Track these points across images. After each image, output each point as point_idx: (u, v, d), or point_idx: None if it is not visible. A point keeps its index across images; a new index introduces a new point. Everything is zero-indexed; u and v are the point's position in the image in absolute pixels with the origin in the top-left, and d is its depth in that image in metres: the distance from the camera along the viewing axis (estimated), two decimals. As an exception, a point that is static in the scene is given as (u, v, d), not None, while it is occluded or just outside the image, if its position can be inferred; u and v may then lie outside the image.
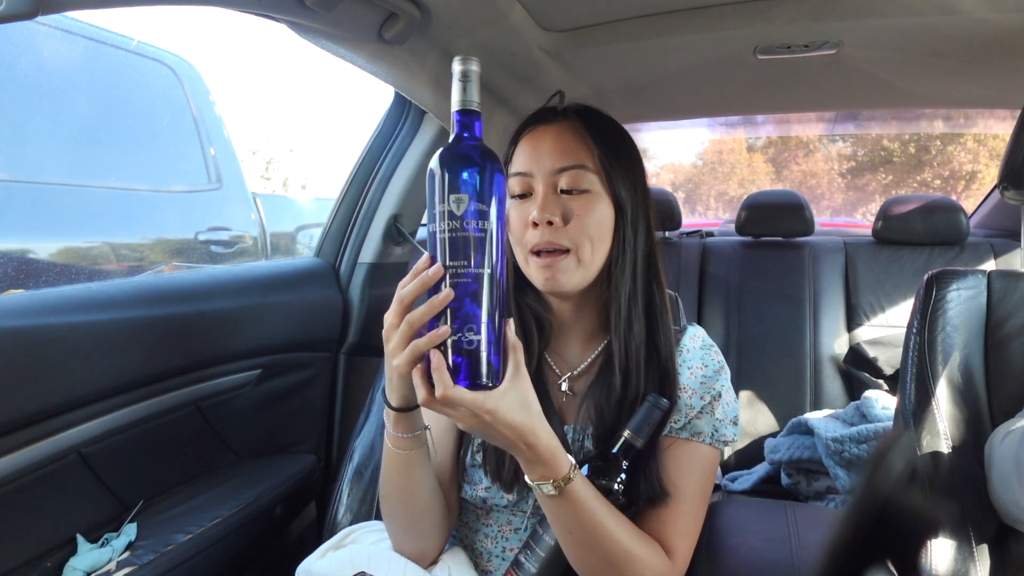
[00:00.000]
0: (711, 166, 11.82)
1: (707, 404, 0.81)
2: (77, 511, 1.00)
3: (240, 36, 9.03)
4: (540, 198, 0.78)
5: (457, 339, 0.58)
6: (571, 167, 0.78)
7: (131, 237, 2.19)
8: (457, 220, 0.58)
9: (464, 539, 0.88)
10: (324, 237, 1.54)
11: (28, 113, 1.89)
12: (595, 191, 0.79)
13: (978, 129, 3.12)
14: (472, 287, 0.59)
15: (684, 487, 0.78)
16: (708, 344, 0.87)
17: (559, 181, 0.79)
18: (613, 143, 0.82)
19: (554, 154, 0.79)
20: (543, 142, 0.80)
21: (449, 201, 0.58)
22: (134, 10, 0.77)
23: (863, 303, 2.06)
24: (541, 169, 0.79)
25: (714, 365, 0.84)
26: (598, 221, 0.79)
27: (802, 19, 1.07)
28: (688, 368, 0.83)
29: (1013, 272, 0.99)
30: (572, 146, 0.80)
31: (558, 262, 0.77)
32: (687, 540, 0.77)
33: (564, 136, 0.80)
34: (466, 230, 0.58)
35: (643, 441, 0.75)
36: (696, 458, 0.80)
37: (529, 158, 0.80)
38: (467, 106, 0.61)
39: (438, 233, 0.59)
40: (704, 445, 0.80)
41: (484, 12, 1.01)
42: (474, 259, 0.59)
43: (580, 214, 0.78)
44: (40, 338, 0.88)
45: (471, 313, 0.59)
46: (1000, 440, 0.86)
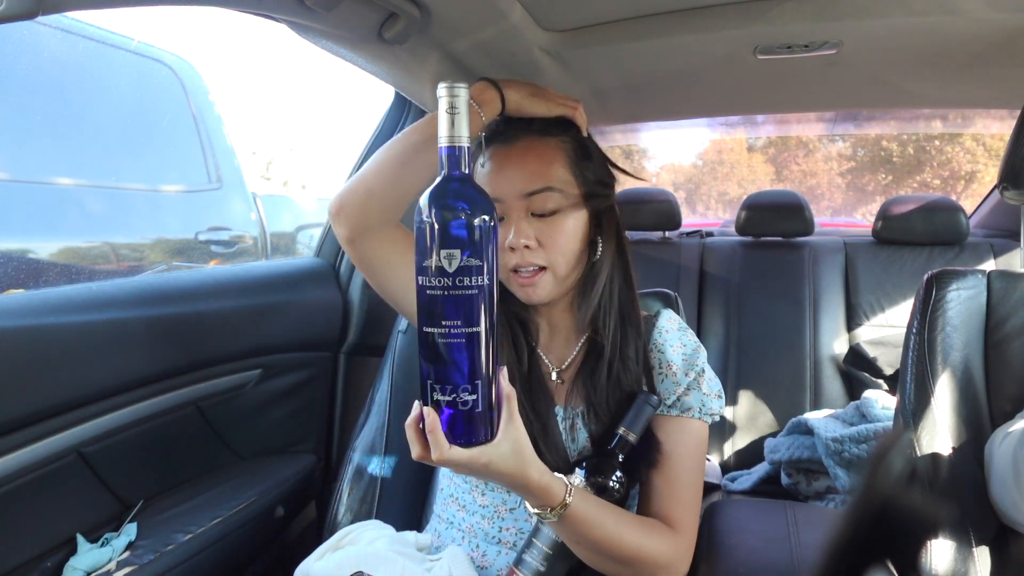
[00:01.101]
0: (711, 166, 11.82)
1: (693, 380, 0.84)
2: (77, 511, 1.00)
3: (240, 36, 9.02)
4: (513, 224, 0.80)
5: (452, 399, 0.57)
6: (539, 191, 0.80)
7: (131, 237, 2.19)
8: (449, 278, 0.54)
9: (460, 522, 0.88)
10: (324, 237, 1.54)
11: (28, 113, 1.89)
12: (564, 208, 0.81)
13: (977, 129, 3.12)
14: (465, 346, 0.56)
15: (680, 461, 0.82)
16: (683, 327, 0.90)
17: (530, 205, 0.81)
18: (576, 151, 0.83)
19: (521, 178, 0.80)
20: (508, 164, 0.82)
21: (440, 256, 0.54)
22: (134, 10, 0.77)
23: (863, 303, 2.06)
24: (510, 194, 0.81)
25: (692, 344, 0.87)
26: (571, 237, 0.82)
27: (802, 19, 1.07)
28: (670, 347, 0.86)
29: (1013, 272, 0.99)
30: (537, 167, 0.81)
31: (535, 279, 0.81)
32: (690, 512, 0.80)
33: (528, 157, 0.81)
34: (459, 287, 0.54)
35: (637, 436, 0.79)
36: (688, 433, 0.83)
37: (495, 183, 0.82)
38: (456, 142, 0.56)
39: (427, 289, 0.55)
40: (694, 420, 0.83)
41: (484, 12, 1.01)
42: (468, 318, 0.55)
43: (553, 235, 0.81)
44: (40, 338, 0.88)
45: (464, 372, 0.56)
46: (999, 441, 0.86)
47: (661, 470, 0.81)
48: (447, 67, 1.20)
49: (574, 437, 0.85)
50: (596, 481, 0.77)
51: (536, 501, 0.68)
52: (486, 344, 0.57)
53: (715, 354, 2.08)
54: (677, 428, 0.83)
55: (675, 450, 0.82)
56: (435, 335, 0.56)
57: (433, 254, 0.55)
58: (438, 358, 0.56)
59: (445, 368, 0.56)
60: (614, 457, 0.79)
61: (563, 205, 0.81)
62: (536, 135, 0.83)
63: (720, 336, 2.10)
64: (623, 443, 0.79)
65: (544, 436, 0.83)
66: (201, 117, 2.45)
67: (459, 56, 1.17)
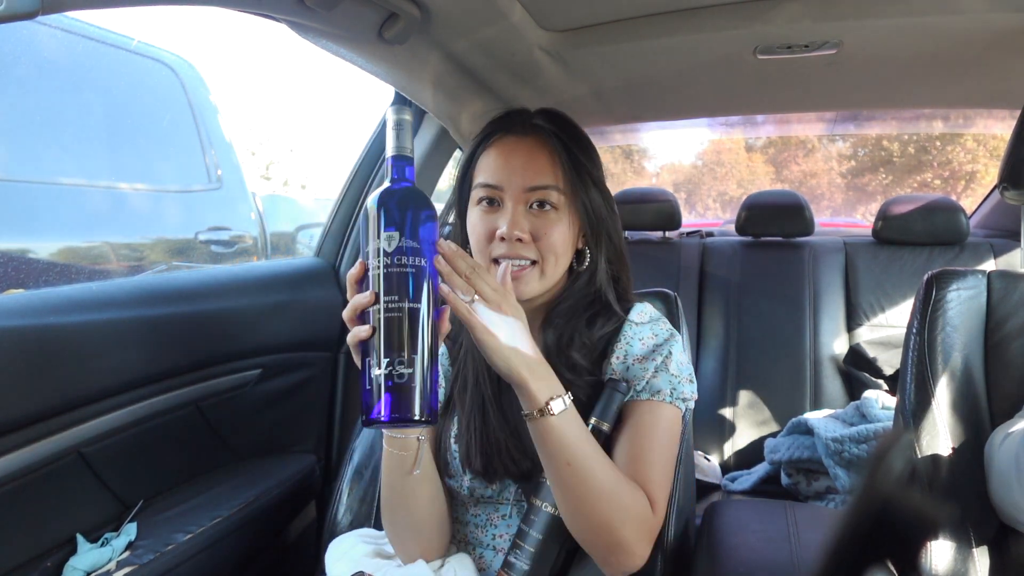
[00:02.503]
0: (711, 166, 11.82)
1: (660, 363, 0.83)
2: (77, 511, 1.00)
3: (240, 37, 9.01)
4: (510, 214, 0.80)
5: (388, 372, 0.59)
6: (543, 187, 0.81)
7: (131, 237, 2.19)
8: (388, 256, 0.61)
9: (455, 532, 0.88)
10: (324, 237, 1.54)
11: (28, 113, 1.89)
12: (562, 208, 0.82)
13: (978, 129, 3.12)
14: (403, 321, 0.60)
15: (651, 443, 0.80)
16: (656, 317, 0.89)
17: (530, 198, 0.81)
18: (581, 160, 0.84)
19: (526, 171, 0.81)
20: (515, 156, 0.82)
21: (382, 238, 0.61)
22: (134, 10, 0.77)
23: (863, 303, 2.06)
24: (512, 185, 0.81)
25: (664, 334, 0.86)
26: (563, 238, 0.82)
27: (802, 19, 1.07)
28: (639, 340, 0.85)
29: (1013, 272, 0.99)
30: (544, 165, 0.82)
31: (522, 273, 0.81)
32: (663, 491, 0.79)
33: (536, 153, 0.82)
34: (397, 266, 0.61)
35: (609, 425, 0.79)
36: (658, 417, 0.82)
37: (499, 171, 0.82)
38: (402, 152, 0.66)
39: (371, 269, 0.62)
40: (665, 404, 0.82)
41: (484, 12, 1.01)
42: (405, 294, 0.61)
43: (547, 231, 0.81)
44: (40, 338, 0.88)
45: (402, 345, 0.60)
46: (1000, 442, 0.86)
47: (631, 451, 0.80)
48: (447, 67, 1.20)
49: None
50: None
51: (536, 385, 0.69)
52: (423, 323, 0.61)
53: (715, 354, 2.08)
54: (647, 410, 0.81)
55: (644, 432, 0.80)
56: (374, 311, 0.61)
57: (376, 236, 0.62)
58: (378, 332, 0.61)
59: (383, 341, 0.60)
60: None
61: (561, 205, 0.82)
62: (550, 137, 0.83)
63: (720, 336, 2.10)
64: (597, 433, 0.78)
65: (516, 437, 0.82)
66: (201, 117, 2.45)
67: (459, 56, 1.17)
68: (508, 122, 0.86)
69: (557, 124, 0.85)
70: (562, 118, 0.87)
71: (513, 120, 0.86)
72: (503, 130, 0.85)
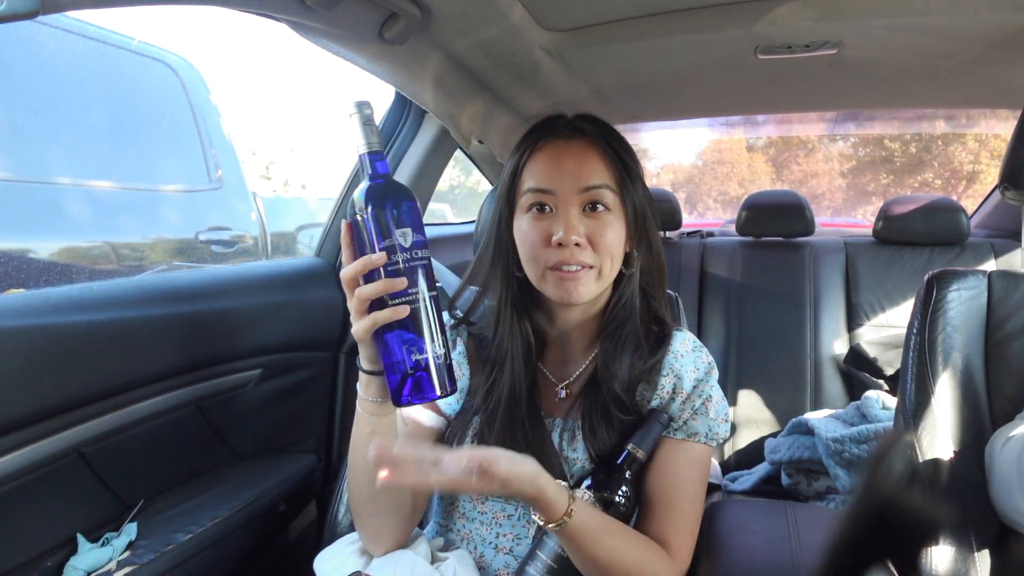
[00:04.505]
0: (711, 166, 11.82)
1: (701, 405, 0.84)
2: (77, 510, 1.00)
3: (241, 37, 9.00)
4: (566, 218, 0.80)
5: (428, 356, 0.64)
6: (595, 187, 0.81)
7: (131, 237, 2.19)
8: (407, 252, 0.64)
9: (460, 528, 0.88)
10: (324, 237, 1.54)
11: (29, 113, 1.89)
12: (614, 209, 0.82)
13: (979, 129, 3.12)
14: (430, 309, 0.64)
15: (682, 487, 0.81)
16: (698, 346, 0.89)
17: (584, 200, 0.81)
18: (627, 161, 0.84)
19: (579, 174, 0.81)
20: (566, 160, 0.82)
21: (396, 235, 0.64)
22: (135, 10, 0.77)
23: (863, 303, 2.06)
24: (565, 188, 0.80)
25: (704, 367, 0.86)
26: (617, 239, 0.82)
27: (803, 19, 1.07)
28: (686, 372, 0.85)
29: (1013, 272, 0.99)
30: (595, 166, 0.82)
31: (579, 276, 0.80)
32: (687, 538, 0.81)
33: (587, 155, 0.82)
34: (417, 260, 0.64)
35: (646, 454, 0.79)
36: (692, 458, 0.83)
37: (551, 175, 0.81)
38: (374, 147, 0.66)
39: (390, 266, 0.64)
40: (699, 444, 0.83)
41: (485, 12, 1.01)
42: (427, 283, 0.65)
43: (603, 233, 0.80)
44: (40, 338, 0.88)
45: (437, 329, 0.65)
46: (1001, 444, 0.86)
47: (662, 493, 0.81)
48: (448, 67, 1.20)
49: (573, 451, 0.84)
50: (603, 496, 0.77)
51: (540, 508, 0.69)
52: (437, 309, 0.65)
53: (715, 354, 2.07)
54: (682, 452, 0.82)
55: (678, 474, 0.81)
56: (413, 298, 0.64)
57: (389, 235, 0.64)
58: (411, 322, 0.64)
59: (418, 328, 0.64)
60: (622, 473, 0.79)
61: (614, 205, 0.82)
62: (596, 139, 0.83)
63: (720, 336, 2.10)
64: (631, 459, 0.79)
65: (540, 445, 0.82)
66: (201, 117, 2.45)
67: (460, 56, 1.17)
68: (551, 127, 0.85)
69: (599, 125, 0.86)
70: (600, 120, 0.87)
71: (556, 124, 0.85)
72: (549, 135, 0.84)
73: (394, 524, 0.81)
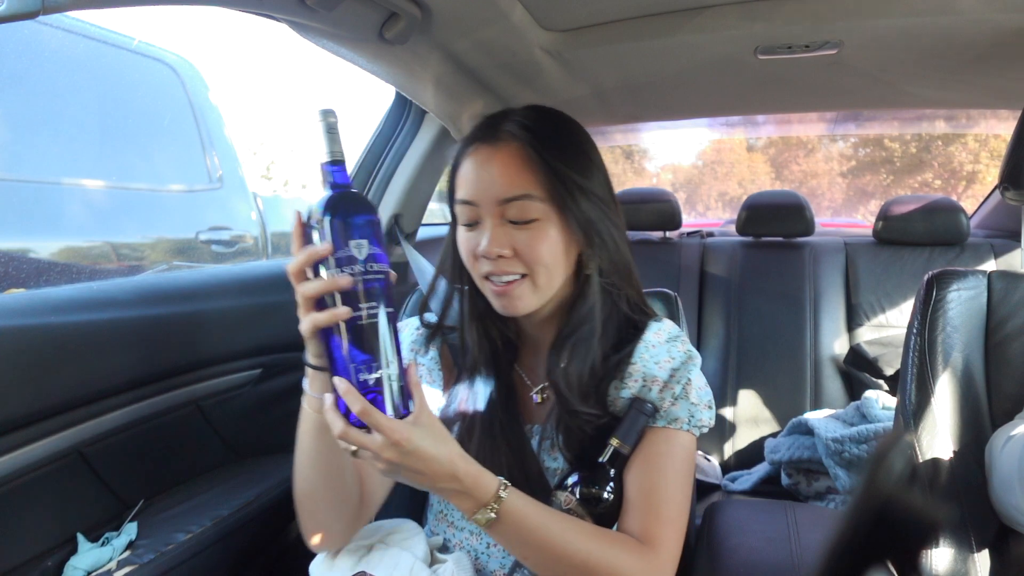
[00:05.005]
0: (711, 166, 11.82)
1: (680, 391, 0.80)
2: (78, 510, 1.00)
3: (241, 37, 8.98)
4: (488, 231, 0.75)
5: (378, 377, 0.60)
6: (518, 197, 0.75)
7: (131, 237, 2.19)
8: (363, 264, 0.60)
9: (451, 537, 0.87)
10: (324, 237, 1.54)
11: (29, 112, 1.89)
12: (545, 218, 0.76)
13: (979, 129, 3.12)
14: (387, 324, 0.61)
15: (665, 475, 0.77)
16: (674, 336, 0.84)
17: (506, 211, 0.75)
18: (565, 160, 0.77)
19: (500, 183, 0.75)
20: (488, 167, 0.76)
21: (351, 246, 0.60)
22: (135, 10, 0.77)
23: (863, 303, 2.06)
24: (486, 199, 0.76)
25: (681, 356, 0.82)
26: (551, 248, 0.76)
27: (803, 19, 1.07)
28: (655, 363, 0.81)
29: (1013, 273, 0.99)
30: (518, 173, 0.75)
31: (512, 289, 0.76)
32: (672, 529, 0.75)
33: (509, 162, 0.75)
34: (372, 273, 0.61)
35: (630, 448, 0.77)
36: (674, 445, 0.78)
37: (473, 185, 0.77)
38: (337, 157, 0.64)
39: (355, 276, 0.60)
40: (682, 432, 0.79)
41: (485, 12, 1.01)
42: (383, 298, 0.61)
43: (531, 244, 0.75)
44: (40, 338, 0.88)
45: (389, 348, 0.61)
46: (1001, 444, 0.86)
47: (642, 484, 0.76)
48: (448, 67, 1.20)
49: (554, 460, 0.82)
50: (591, 492, 0.75)
51: (469, 499, 0.65)
52: (392, 327, 0.61)
53: (715, 354, 2.08)
54: (663, 440, 0.78)
55: (659, 463, 0.77)
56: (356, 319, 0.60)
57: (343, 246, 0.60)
58: (360, 340, 0.60)
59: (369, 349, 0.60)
60: (607, 469, 0.76)
61: (545, 214, 0.75)
62: (522, 143, 0.76)
63: (720, 336, 2.10)
64: (615, 455, 0.76)
65: (518, 453, 0.80)
66: (202, 117, 2.45)
67: (460, 56, 1.17)
68: (482, 130, 0.79)
69: (535, 125, 0.78)
70: (543, 118, 0.80)
71: (486, 127, 0.79)
72: (478, 140, 0.79)
73: (339, 519, 0.79)
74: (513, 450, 0.80)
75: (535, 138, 0.76)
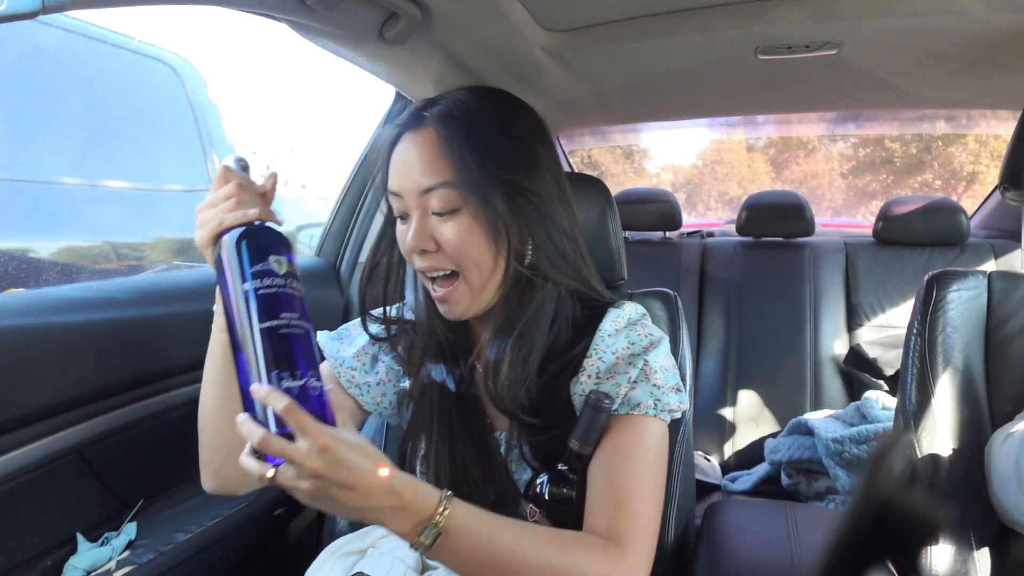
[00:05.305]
0: (711, 166, 11.82)
1: (639, 373, 0.73)
2: (77, 510, 1.00)
3: (241, 36, 8.96)
4: (414, 224, 0.71)
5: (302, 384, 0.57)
6: (435, 187, 0.70)
7: (132, 236, 2.19)
8: (283, 278, 0.60)
9: None
10: (324, 237, 1.54)
11: (29, 112, 1.89)
12: (467, 208, 0.70)
13: (980, 130, 3.12)
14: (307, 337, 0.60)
15: (629, 466, 0.69)
16: (635, 321, 0.77)
17: (429, 203, 0.71)
18: (487, 147, 0.71)
19: (418, 171, 0.71)
20: (408, 156, 0.72)
21: (271, 261, 0.60)
22: (135, 10, 0.77)
23: (863, 303, 2.06)
24: (408, 189, 0.71)
25: (643, 341, 0.75)
26: (476, 242, 0.70)
27: (803, 19, 1.07)
28: (613, 353, 0.74)
29: (1013, 273, 0.99)
30: (434, 161, 0.70)
31: (450, 294, 0.73)
32: (639, 523, 0.67)
33: (426, 149, 0.71)
34: (291, 288, 0.60)
35: (592, 448, 0.71)
36: (640, 433, 0.71)
37: (396, 175, 0.73)
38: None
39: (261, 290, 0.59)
40: (648, 418, 0.72)
41: (485, 12, 1.01)
42: (302, 313, 0.60)
43: (450, 238, 0.70)
44: (40, 337, 0.88)
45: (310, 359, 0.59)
46: (1000, 443, 0.86)
47: (605, 477, 0.69)
48: (448, 67, 1.20)
49: (524, 470, 0.77)
50: (562, 493, 0.70)
51: (410, 516, 0.58)
52: (310, 342, 0.60)
53: (715, 354, 2.08)
54: (627, 427, 0.71)
55: (622, 452, 0.70)
56: (279, 327, 0.59)
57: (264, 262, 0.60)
58: (284, 348, 0.58)
59: (292, 357, 0.58)
60: (570, 473, 0.71)
61: (465, 204, 0.70)
62: (435, 127, 0.71)
63: (720, 336, 2.10)
64: (576, 458, 0.69)
65: (484, 460, 0.76)
66: (202, 117, 2.45)
67: (460, 56, 1.17)
68: (408, 116, 0.75)
69: (458, 110, 0.72)
70: (471, 102, 0.73)
71: (411, 114, 0.75)
72: (404, 126, 0.74)
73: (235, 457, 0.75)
74: (480, 461, 0.76)
75: (455, 123, 0.71)
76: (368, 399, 0.84)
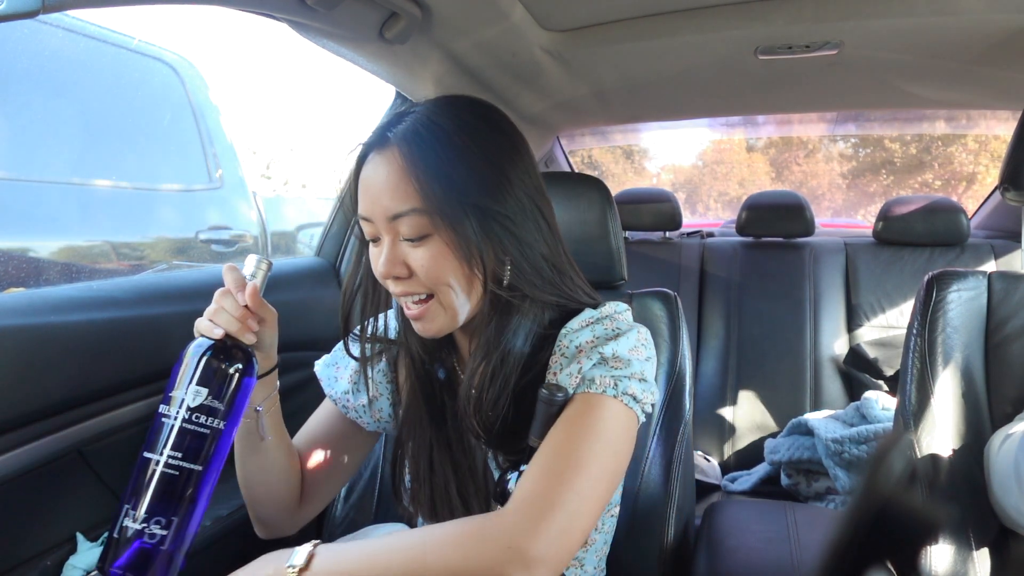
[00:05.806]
0: (711, 166, 11.82)
1: (597, 361, 0.68)
2: (77, 509, 1.00)
3: (241, 37, 8.97)
4: (384, 250, 0.68)
5: (142, 528, 0.57)
6: (403, 213, 0.66)
7: (131, 236, 2.19)
8: (190, 411, 0.60)
9: None
10: (325, 236, 1.54)
11: (29, 112, 1.89)
12: (437, 234, 0.67)
13: (980, 130, 3.12)
14: (177, 480, 0.58)
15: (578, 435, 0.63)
16: (606, 315, 0.73)
17: (399, 228, 0.67)
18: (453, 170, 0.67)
19: (386, 196, 0.67)
20: (375, 179, 0.68)
21: (189, 391, 0.60)
22: (135, 9, 0.77)
23: (863, 304, 2.06)
24: (377, 215, 0.68)
25: (607, 333, 0.71)
26: (450, 267, 0.68)
27: (803, 20, 1.07)
28: (576, 347, 0.70)
29: (1013, 273, 0.99)
30: (400, 185, 0.66)
31: (425, 312, 0.70)
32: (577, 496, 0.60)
33: (392, 171, 0.67)
34: (194, 423, 0.59)
35: None
36: (594, 408, 0.65)
37: (364, 199, 0.69)
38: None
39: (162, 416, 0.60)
40: (606, 397, 0.66)
41: (485, 12, 1.01)
42: (193, 455, 0.59)
43: (426, 263, 0.67)
44: (40, 337, 0.88)
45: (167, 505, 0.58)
46: (999, 444, 0.86)
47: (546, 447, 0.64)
48: (448, 67, 1.20)
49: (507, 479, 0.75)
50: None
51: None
52: (199, 486, 0.60)
53: (715, 354, 2.08)
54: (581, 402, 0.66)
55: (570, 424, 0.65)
56: (152, 461, 0.59)
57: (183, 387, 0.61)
58: (148, 484, 0.58)
59: (149, 496, 0.58)
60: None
61: (436, 230, 0.67)
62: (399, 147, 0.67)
63: (720, 336, 2.10)
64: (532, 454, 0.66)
65: (470, 475, 0.76)
66: (202, 116, 2.45)
67: (460, 56, 1.17)
68: (374, 134, 0.71)
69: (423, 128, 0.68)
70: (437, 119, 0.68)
71: (377, 131, 0.70)
72: (370, 145, 0.70)
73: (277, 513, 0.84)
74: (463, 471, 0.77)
75: (420, 144, 0.67)
76: (368, 420, 0.86)
